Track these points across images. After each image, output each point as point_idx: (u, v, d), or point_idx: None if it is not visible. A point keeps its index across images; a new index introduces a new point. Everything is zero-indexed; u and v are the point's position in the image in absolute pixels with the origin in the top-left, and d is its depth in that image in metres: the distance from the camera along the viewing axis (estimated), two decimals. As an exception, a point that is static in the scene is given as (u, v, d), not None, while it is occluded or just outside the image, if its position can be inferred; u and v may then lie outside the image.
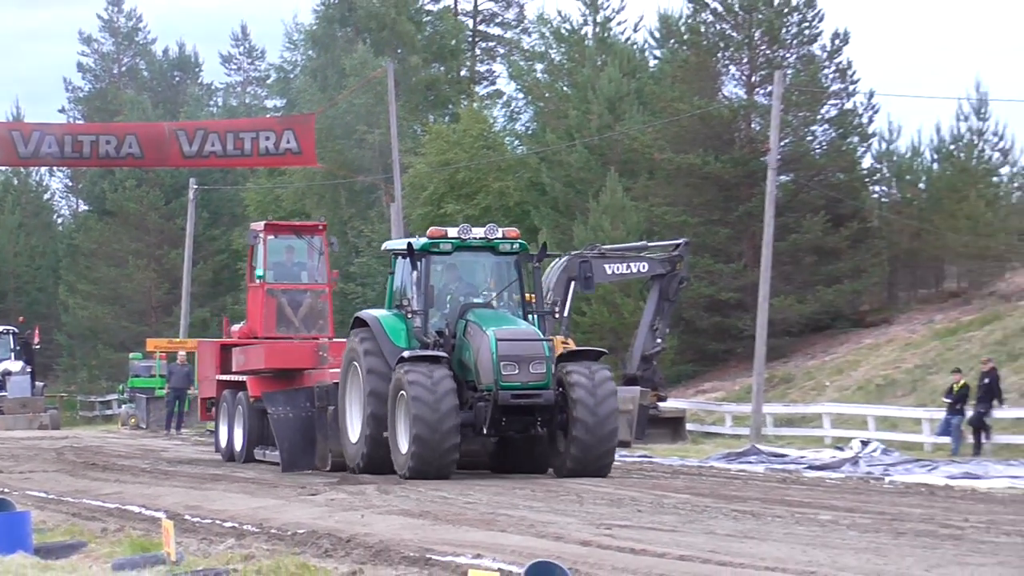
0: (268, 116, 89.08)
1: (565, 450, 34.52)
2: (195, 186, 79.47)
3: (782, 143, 59.41)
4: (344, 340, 38.23)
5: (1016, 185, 69.73)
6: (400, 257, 36.57)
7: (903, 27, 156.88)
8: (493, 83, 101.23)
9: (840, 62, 68.00)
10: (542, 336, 34.87)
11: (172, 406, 63.20)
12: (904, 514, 27.38)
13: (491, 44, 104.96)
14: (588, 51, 77.15)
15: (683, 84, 69.12)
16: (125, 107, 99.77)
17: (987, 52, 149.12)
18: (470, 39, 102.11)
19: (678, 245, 50.56)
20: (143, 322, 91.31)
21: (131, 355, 74.83)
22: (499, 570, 17.16)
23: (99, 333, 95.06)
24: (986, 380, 45.49)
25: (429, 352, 34.45)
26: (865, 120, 68.48)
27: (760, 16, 68.02)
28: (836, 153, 67.21)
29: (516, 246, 36.09)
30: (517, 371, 33.92)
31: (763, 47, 68.93)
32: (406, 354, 34.28)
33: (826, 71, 68.11)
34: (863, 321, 64.74)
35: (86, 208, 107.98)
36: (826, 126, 68.63)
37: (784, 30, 68.21)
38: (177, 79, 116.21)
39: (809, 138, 68.03)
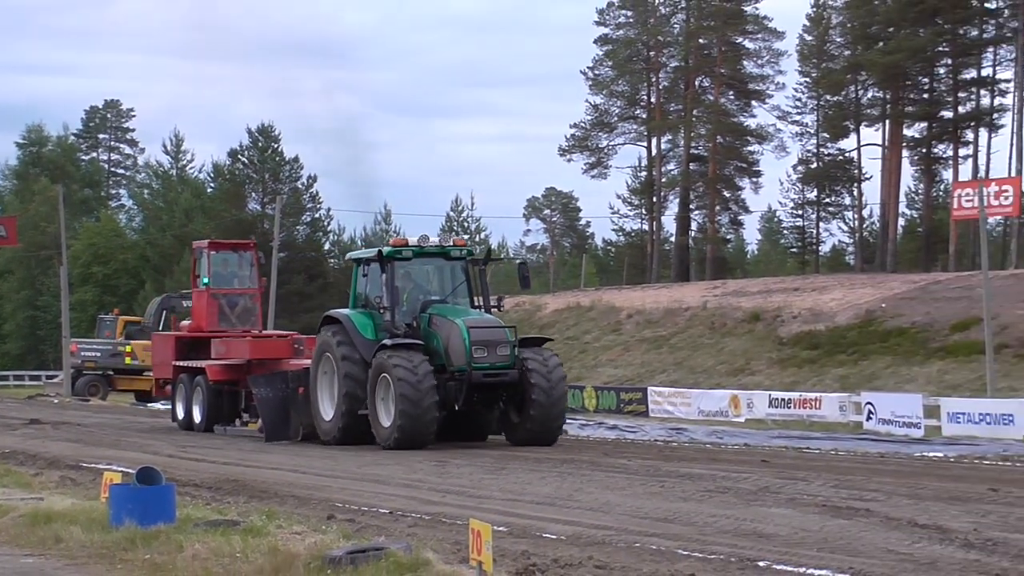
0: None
1: (520, 423, 23.76)
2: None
3: (281, 235, 59.07)
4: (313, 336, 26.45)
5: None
6: (366, 264, 25.02)
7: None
8: (119, 200, 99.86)
9: (312, 192, 72.08)
10: (504, 324, 24.27)
11: None
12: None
13: (119, 179, 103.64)
14: (173, 182, 78.61)
15: (226, 202, 71.68)
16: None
17: (474, 183, 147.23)
18: (107, 175, 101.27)
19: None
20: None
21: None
22: (121, 472, 16.06)
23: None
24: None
25: (407, 340, 23.48)
26: (328, 225, 72.75)
27: (268, 166, 70.12)
28: (310, 241, 70.85)
29: (464, 252, 25.03)
30: (486, 354, 23.16)
31: (269, 183, 71.65)
32: (387, 342, 23.36)
33: (304, 196, 71.81)
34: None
35: None
36: (305, 227, 72.65)
37: (280, 173, 71.98)
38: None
39: (295, 232, 70.69)
